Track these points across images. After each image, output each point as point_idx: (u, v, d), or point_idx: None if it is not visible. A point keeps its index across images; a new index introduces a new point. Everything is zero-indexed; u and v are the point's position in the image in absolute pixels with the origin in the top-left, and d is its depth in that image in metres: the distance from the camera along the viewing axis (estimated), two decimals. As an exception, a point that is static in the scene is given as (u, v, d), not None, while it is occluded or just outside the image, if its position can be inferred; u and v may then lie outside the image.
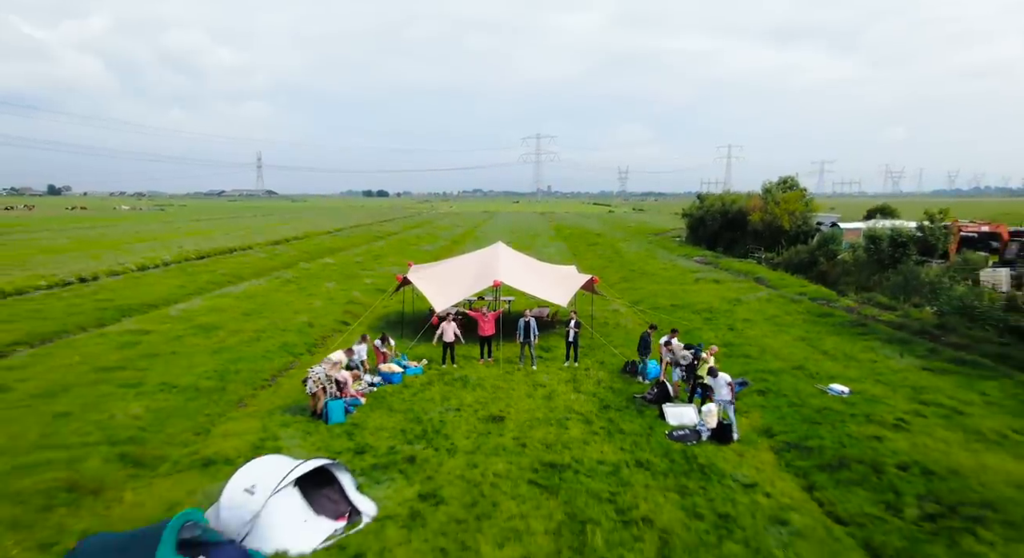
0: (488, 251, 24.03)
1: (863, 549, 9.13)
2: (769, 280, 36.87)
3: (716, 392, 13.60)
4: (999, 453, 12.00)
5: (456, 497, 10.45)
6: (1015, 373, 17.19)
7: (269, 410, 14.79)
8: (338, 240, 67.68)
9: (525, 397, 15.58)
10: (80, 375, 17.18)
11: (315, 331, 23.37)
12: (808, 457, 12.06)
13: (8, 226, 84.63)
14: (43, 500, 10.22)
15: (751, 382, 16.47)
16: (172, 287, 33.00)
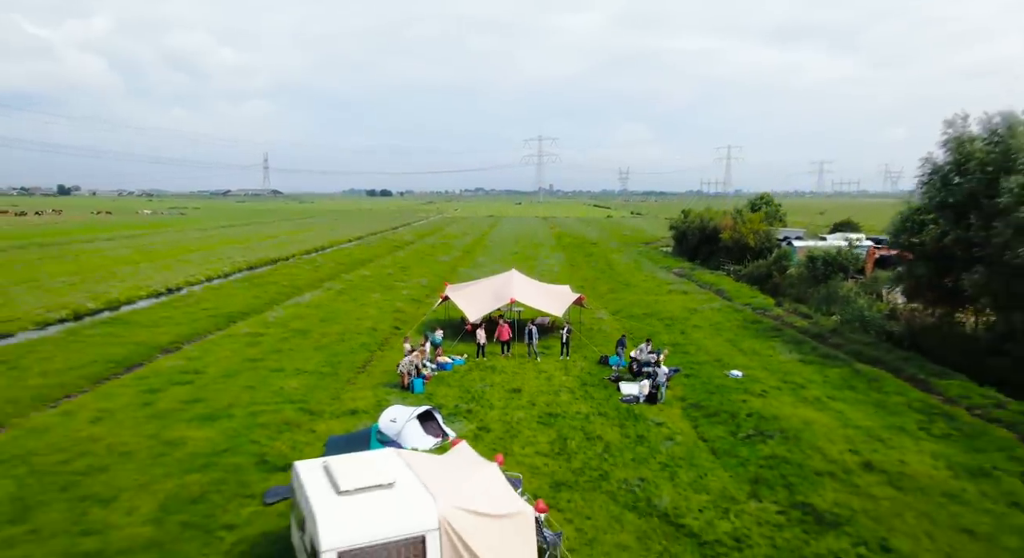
0: (505, 276, 32.55)
1: (708, 451, 17.82)
2: (728, 292, 45.59)
3: (658, 377, 22.25)
4: (807, 408, 20.70)
5: (496, 429, 19.11)
6: (856, 363, 25.88)
7: (372, 386, 23.49)
8: (363, 250, 76.29)
9: (533, 378, 24.24)
10: (238, 364, 25.92)
11: (378, 334, 32.04)
12: (698, 411, 20.77)
13: (55, 234, 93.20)
14: (275, 429, 18.92)
15: (682, 369, 25.11)
16: (250, 298, 41.71)
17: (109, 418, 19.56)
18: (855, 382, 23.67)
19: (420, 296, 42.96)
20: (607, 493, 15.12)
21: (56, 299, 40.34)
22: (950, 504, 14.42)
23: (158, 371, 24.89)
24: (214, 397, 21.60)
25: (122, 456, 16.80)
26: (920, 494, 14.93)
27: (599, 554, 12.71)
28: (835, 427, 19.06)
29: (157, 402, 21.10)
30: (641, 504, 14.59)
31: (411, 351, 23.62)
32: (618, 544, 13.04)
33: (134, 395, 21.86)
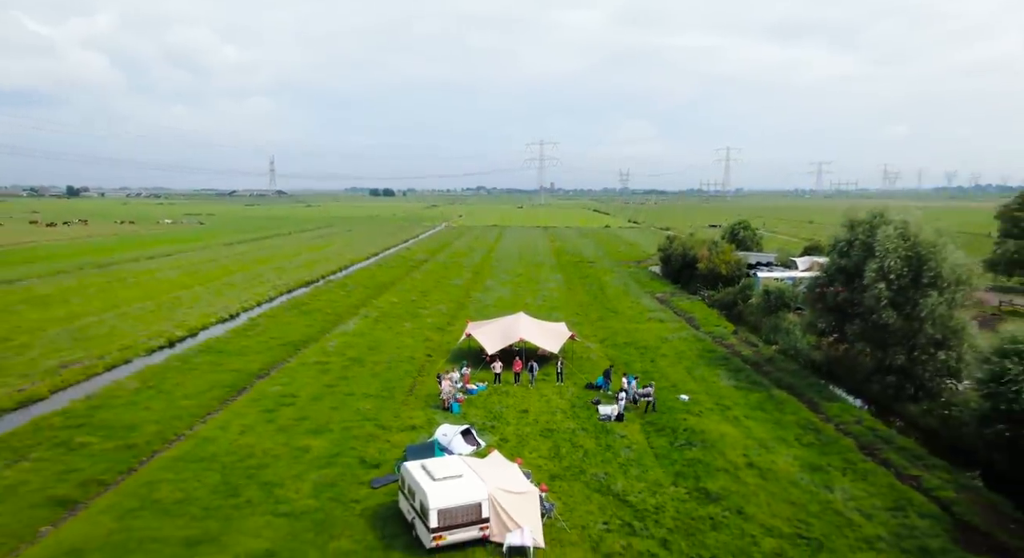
0: (514, 317, 41.73)
1: (652, 455, 27.09)
2: (697, 319, 54.86)
3: (650, 397, 31.47)
4: (727, 424, 29.95)
5: (512, 440, 28.36)
6: (773, 389, 35.16)
7: (421, 407, 32.76)
8: (383, 271, 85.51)
9: (536, 401, 33.48)
10: (320, 388, 35.17)
11: (416, 362, 41.30)
12: (651, 427, 30.06)
13: (100, 252, 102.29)
14: (364, 440, 28.19)
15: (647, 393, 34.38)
16: (303, 327, 50.98)
17: (250, 431, 28.88)
18: (767, 405, 32.94)
19: (442, 324, 52.23)
20: (583, 482, 24.39)
21: (148, 327, 49.80)
22: (789, 488, 23.70)
23: (264, 394, 34.20)
24: (314, 416, 30.92)
25: (274, 457, 26.12)
26: (775, 481, 24.22)
27: (576, 517, 21.93)
28: (740, 438, 28.35)
29: (276, 419, 30.43)
30: (603, 488, 23.84)
31: (448, 383, 32.93)
32: (587, 511, 22.29)
33: (257, 414, 31.18)
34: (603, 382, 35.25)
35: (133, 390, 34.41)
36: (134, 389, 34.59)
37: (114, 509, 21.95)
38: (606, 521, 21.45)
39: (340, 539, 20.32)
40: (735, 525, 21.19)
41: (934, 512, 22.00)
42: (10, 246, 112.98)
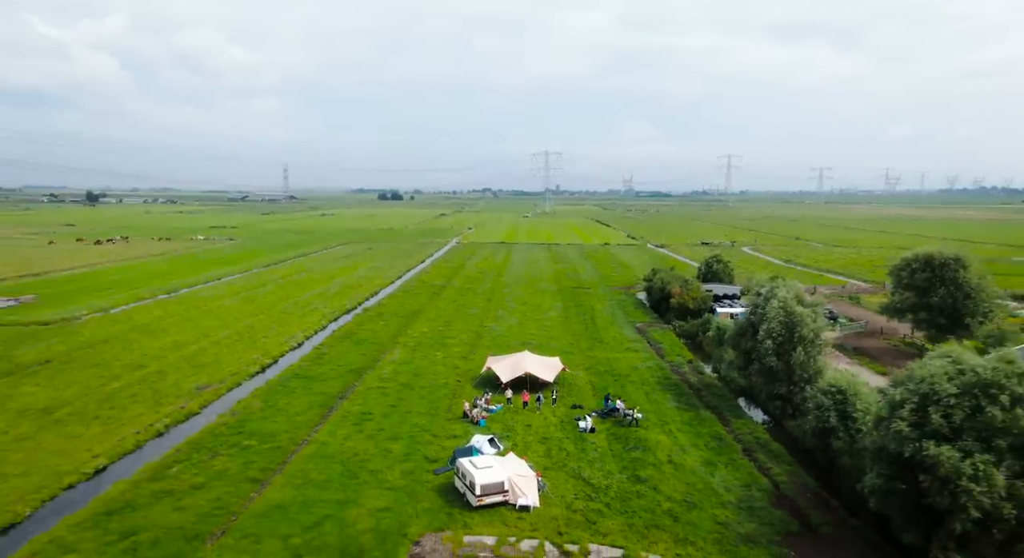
0: (521, 355, 57.07)
1: (611, 455, 42.41)
2: (664, 349, 70.08)
3: (637, 415, 46.78)
4: (663, 435, 45.22)
5: (520, 446, 43.63)
6: (702, 410, 50.39)
7: (458, 421, 48.16)
8: (409, 298, 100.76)
9: (537, 419, 48.77)
10: (386, 408, 50.53)
11: (449, 387, 56.61)
12: (613, 436, 45.40)
13: (158, 277, 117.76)
14: (425, 443, 43.59)
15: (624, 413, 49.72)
16: (358, 356, 66.33)
17: (349, 438, 44.30)
18: (694, 421, 48.24)
19: (465, 353, 67.61)
20: (564, 471, 39.68)
21: (241, 356, 65.39)
22: (689, 475, 38.96)
23: (349, 412, 49.62)
24: (388, 428, 46.35)
25: (370, 455, 41.53)
26: (682, 471, 39.46)
27: (558, 491, 37.18)
28: (669, 444, 43.64)
29: (364, 430, 45.87)
30: (576, 475, 39.10)
31: (476, 406, 48.41)
32: (565, 488, 37.55)
33: (349, 426, 46.62)
34: (610, 403, 50.25)
35: (259, 408, 49.99)
36: (260, 407, 50.16)
37: (288, 484, 37.44)
38: (576, 494, 36.81)
39: (423, 502, 35.69)
40: (651, 496, 36.51)
41: (768, 488, 37.32)
42: (80, 269, 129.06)
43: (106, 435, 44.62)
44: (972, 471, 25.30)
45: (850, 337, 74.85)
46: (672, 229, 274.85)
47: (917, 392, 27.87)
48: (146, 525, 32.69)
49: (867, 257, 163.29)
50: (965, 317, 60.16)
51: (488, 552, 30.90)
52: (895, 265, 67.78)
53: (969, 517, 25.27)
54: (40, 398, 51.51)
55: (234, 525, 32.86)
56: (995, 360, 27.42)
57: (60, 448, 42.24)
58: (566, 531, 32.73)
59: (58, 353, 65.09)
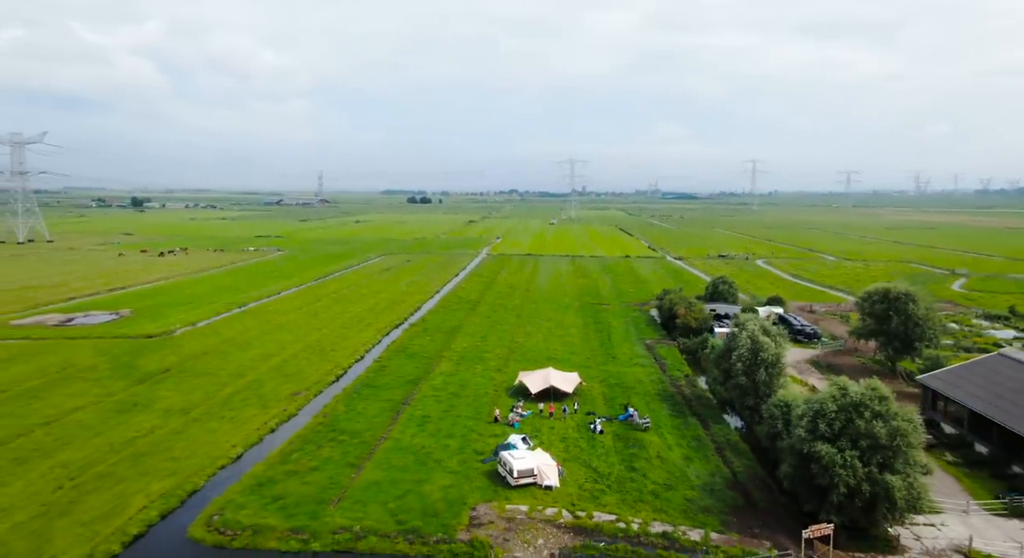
0: (546, 371, 70.92)
1: (615, 451, 56.07)
2: (668, 365, 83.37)
3: (647, 421, 60.43)
4: (655, 437, 58.73)
5: (546, 443, 57.51)
6: (689, 417, 63.75)
7: (500, 424, 62.22)
8: (450, 314, 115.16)
9: (559, 423, 62.58)
10: (441, 413, 64.80)
11: (489, 396, 70.64)
12: (618, 437, 59.09)
13: (228, 292, 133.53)
14: (473, 440, 57.74)
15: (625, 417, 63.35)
16: (412, 368, 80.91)
17: (416, 437, 58.58)
18: (681, 426, 61.64)
19: (500, 366, 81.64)
20: (578, 462, 53.41)
21: (318, 367, 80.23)
22: (672, 467, 52.42)
23: (412, 415, 63.94)
24: (445, 428, 60.58)
25: (433, 449, 55.73)
26: (667, 464, 52.95)
27: (573, 476, 50.92)
28: (659, 443, 57.14)
29: (426, 430, 60.14)
30: (587, 465, 52.80)
31: (512, 411, 62.49)
32: (578, 474, 51.30)
33: (415, 427, 60.92)
34: (628, 411, 63.80)
35: (344, 411, 64.62)
36: (344, 411, 64.79)
37: (377, 468, 51.80)
38: (586, 478, 50.57)
39: (475, 482, 49.75)
40: (640, 481, 50.10)
41: (728, 476, 50.69)
42: (156, 282, 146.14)
43: (235, 430, 59.58)
44: (842, 462, 38.58)
45: (828, 354, 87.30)
46: (692, 240, 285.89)
47: (811, 409, 41.22)
48: (286, 493, 47.30)
49: (872, 272, 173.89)
50: (915, 342, 72.49)
51: (523, 515, 44.87)
52: (860, 296, 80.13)
53: (840, 492, 38.57)
54: (176, 401, 66.80)
55: (346, 495, 47.29)
56: (864, 387, 40.56)
57: (206, 439, 57.24)
58: (577, 503, 46.53)
59: (172, 364, 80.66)
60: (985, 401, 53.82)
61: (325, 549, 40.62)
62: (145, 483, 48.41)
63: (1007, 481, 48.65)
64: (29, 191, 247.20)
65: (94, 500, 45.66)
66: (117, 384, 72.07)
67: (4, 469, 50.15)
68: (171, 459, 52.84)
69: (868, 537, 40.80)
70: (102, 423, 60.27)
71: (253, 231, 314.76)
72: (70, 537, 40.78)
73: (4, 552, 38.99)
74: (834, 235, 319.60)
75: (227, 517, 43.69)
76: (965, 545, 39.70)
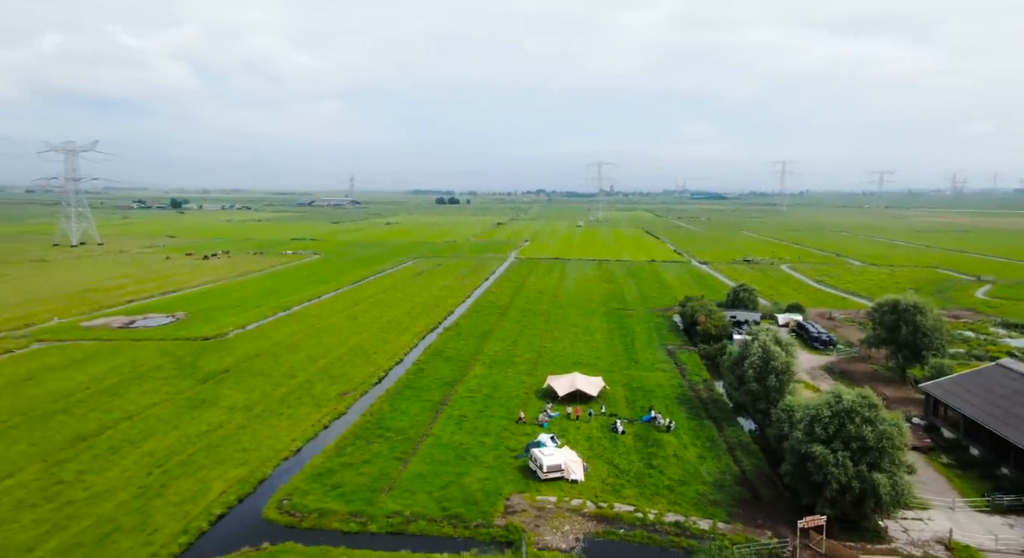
0: (573, 375, 76.69)
1: (634, 450, 61.67)
2: (688, 369, 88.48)
3: (670, 423, 66.09)
4: (673, 438, 64.24)
5: (571, 442, 63.35)
6: (704, 419, 69.00)
7: (529, 423, 68.19)
8: (481, 319, 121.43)
9: (584, 424, 68.33)
10: (477, 413, 70.98)
11: (520, 398, 76.63)
12: (638, 437, 64.67)
13: (274, 296, 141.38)
14: (507, 438, 63.77)
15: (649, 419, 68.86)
16: (448, 371, 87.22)
17: (454, 434, 64.79)
18: (697, 428, 66.94)
19: (530, 370, 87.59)
20: (601, 460, 59.10)
21: (362, 369, 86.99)
22: (687, 465, 57.84)
23: (451, 415, 70.18)
24: (481, 427, 66.73)
25: (471, 446, 61.83)
26: (683, 462, 58.37)
27: (596, 471, 56.64)
28: (675, 443, 62.55)
29: (463, 428, 66.32)
30: (609, 462, 58.48)
31: (543, 412, 68.43)
32: (601, 470, 57.02)
33: (454, 426, 67.14)
34: (651, 413, 69.31)
35: (388, 410, 71.17)
36: (388, 410, 71.34)
37: (422, 462, 58.12)
38: (608, 473, 56.27)
39: (509, 475, 55.77)
40: (657, 476, 55.64)
41: (737, 473, 55.96)
42: (204, 285, 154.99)
43: (293, 426, 66.48)
44: (835, 461, 43.76)
45: (842, 361, 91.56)
46: (718, 243, 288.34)
47: (808, 414, 46.41)
48: (343, 482, 53.86)
49: (897, 278, 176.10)
50: (923, 351, 76.63)
51: (552, 505, 50.77)
52: (871, 307, 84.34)
53: (833, 488, 43.75)
54: (238, 399, 74.06)
55: (395, 485, 53.69)
56: (856, 395, 45.62)
57: (268, 434, 64.21)
58: (600, 495, 52.28)
59: (230, 364, 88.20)
60: (979, 408, 58.22)
61: (380, 530, 47.01)
62: (222, 471, 55.43)
63: (994, 481, 53.16)
64: (82, 196, 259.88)
65: (181, 484, 52.76)
66: (184, 383, 79.67)
67: (102, 457, 57.65)
68: (241, 450, 59.87)
69: (860, 529, 45.84)
70: (177, 418, 67.68)
71: (288, 233, 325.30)
72: (166, 515, 47.82)
73: (116, 525, 46.11)
74: (862, 238, 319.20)
75: (295, 501, 50.38)
76: (946, 537, 44.56)
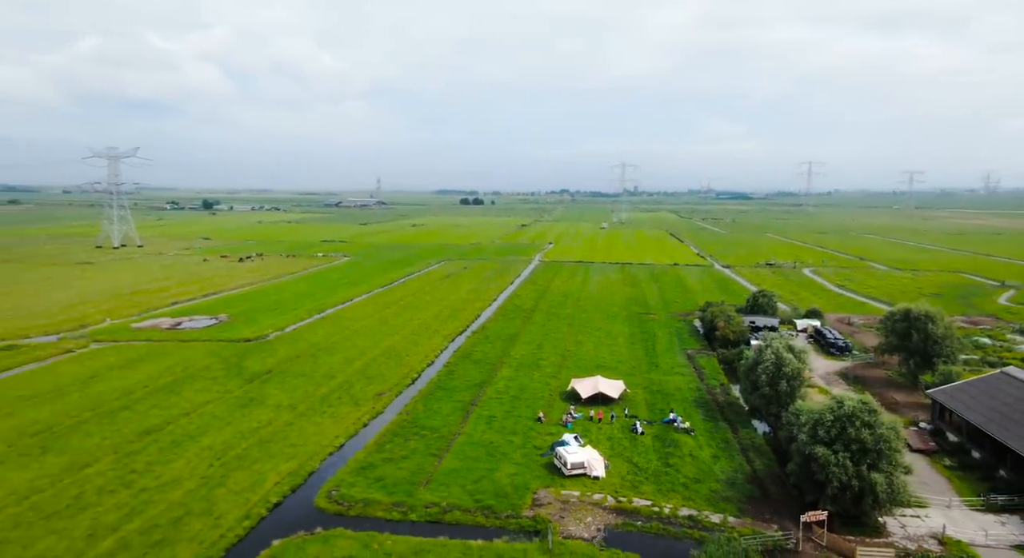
0: (595, 378, 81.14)
1: (652, 449, 65.96)
2: (706, 373, 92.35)
3: (688, 425, 70.41)
4: (689, 439, 68.36)
5: (593, 441, 67.82)
6: (720, 422, 72.98)
7: (554, 424, 72.79)
8: (508, 323, 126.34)
9: (605, 425, 72.76)
10: (503, 412, 75.88)
11: (545, 399, 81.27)
12: (656, 437, 68.94)
13: (309, 298, 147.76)
14: (533, 437, 68.44)
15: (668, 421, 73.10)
16: (478, 372, 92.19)
17: (484, 433, 69.64)
18: (712, 430, 70.96)
19: (555, 373, 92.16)
20: (622, 458, 63.50)
21: (396, 371, 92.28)
22: (701, 464, 62.00)
23: (480, 415, 75.02)
24: (509, 426, 71.51)
25: (501, 443, 66.71)
26: (698, 461, 62.53)
27: (616, 469, 61.04)
28: (691, 444, 66.69)
29: (493, 427, 71.13)
30: (629, 461, 62.86)
31: (566, 414, 73.02)
32: (621, 468, 61.45)
33: (483, 424, 71.99)
34: (673, 416, 73.56)
35: (423, 410, 76.29)
36: (423, 409, 76.46)
37: (455, 458, 63.04)
38: (627, 471, 60.67)
39: (536, 471, 60.46)
40: (673, 474, 59.89)
41: (748, 472, 59.98)
42: (242, 288, 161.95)
43: (335, 423, 71.91)
44: (836, 462, 47.71)
45: (857, 367, 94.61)
46: (741, 246, 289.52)
47: (812, 418, 50.39)
48: (384, 475, 59.01)
49: (919, 283, 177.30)
50: (933, 358, 79.67)
51: (575, 499, 55.35)
52: (884, 315, 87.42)
53: (834, 486, 47.71)
54: (283, 398, 79.79)
55: (432, 478, 58.70)
56: (856, 401, 49.48)
57: (313, 431, 69.70)
58: (620, 491, 56.73)
59: (272, 365, 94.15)
60: (981, 413, 61.48)
61: (420, 519, 52.02)
62: (274, 464, 60.98)
63: (992, 483, 56.50)
64: (124, 199, 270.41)
65: (239, 475, 58.37)
66: (232, 382, 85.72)
67: (166, 449, 63.59)
68: (290, 445, 65.41)
69: (860, 524, 49.69)
70: (229, 415, 73.57)
71: (318, 235, 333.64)
72: (229, 502, 53.38)
73: (187, 510, 51.79)
74: (889, 241, 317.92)
75: (342, 492, 55.66)
76: (940, 532, 48.25)
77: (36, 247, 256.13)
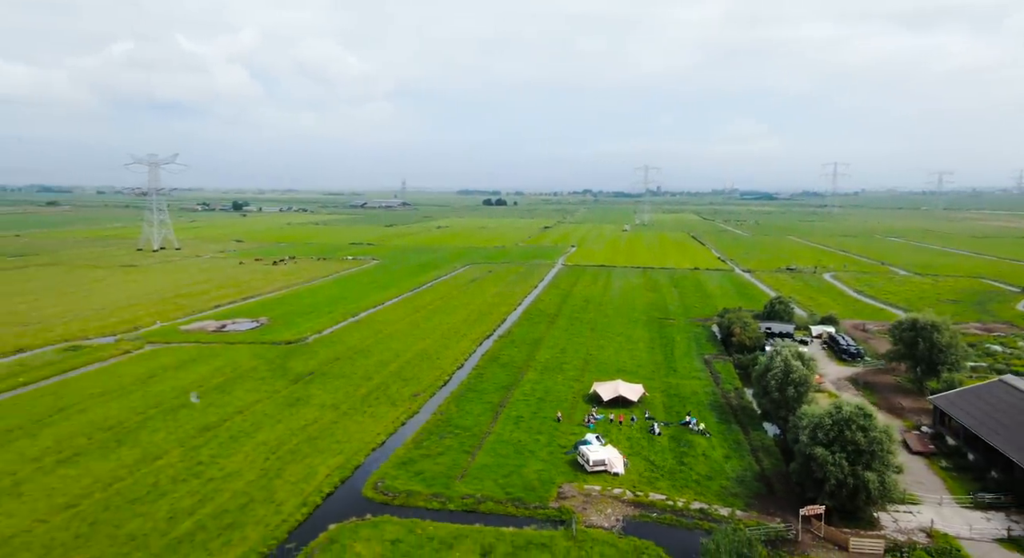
0: (616, 382, 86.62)
1: (668, 449, 71.32)
2: (722, 377, 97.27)
3: (702, 426, 75.74)
4: (702, 439, 73.55)
5: (613, 441, 73.34)
6: (732, 424, 78.02)
7: (577, 424, 78.42)
8: (532, 328, 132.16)
9: (625, 426, 78.22)
10: (530, 413, 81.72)
11: (569, 402, 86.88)
12: (673, 437, 74.25)
13: (344, 302, 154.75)
14: (559, 436, 74.18)
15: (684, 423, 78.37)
16: (505, 376, 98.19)
17: (513, 433, 75.50)
18: (725, 431, 76.06)
19: (577, 376, 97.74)
20: (640, 457, 68.95)
21: (430, 373, 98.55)
22: (713, 463, 67.25)
23: (509, 415, 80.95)
24: (535, 427, 77.30)
25: (528, 443, 72.46)
26: (710, 460, 67.78)
27: (635, 466, 66.53)
28: (706, 445, 71.93)
29: (520, 427, 76.99)
30: (647, 459, 68.30)
31: (588, 416, 78.68)
32: (639, 465, 66.92)
33: (512, 425, 77.86)
34: (689, 418, 78.83)
35: (455, 410, 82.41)
36: (455, 410, 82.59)
37: (487, 454, 69.00)
38: (645, 468, 66.14)
39: (561, 468, 66.18)
40: (688, 472, 65.24)
41: (757, 471, 65.10)
42: (278, 291, 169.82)
43: (376, 422, 78.34)
44: (833, 461, 52.79)
45: (868, 373, 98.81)
46: (763, 250, 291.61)
47: (812, 422, 55.48)
48: (423, 469, 65.19)
49: (939, 288, 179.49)
50: (938, 365, 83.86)
51: (597, 493, 61.00)
52: (892, 325, 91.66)
53: (831, 484, 52.80)
54: (326, 398, 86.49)
55: (467, 473, 64.73)
56: (853, 406, 54.45)
57: (356, 429, 76.18)
58: (638, 486, 62.25)
59: (313, 367, 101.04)
60: (976, 419, 65.90)
61: (457, 509, 58.09)
62: (323, 458, 67.52)
63: (983, 483, 60.99)
64: (163, 202, 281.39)
65: (293, 468, 64.99)
66: (278, 383, 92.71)
67: (226, 444, 70.52)
68: (336, 442, 71.94)
69: (856, 518, 54.67)
70: (279, 413, 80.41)
71: (345, 237, 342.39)
72: (286, 492, 59.97)
73: (251, 497, 58.49)
74: (913, 245, 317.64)
75: (387, 484, 61.97)
76: (928, 526, 53.08)
77: (79, 250, 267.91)
